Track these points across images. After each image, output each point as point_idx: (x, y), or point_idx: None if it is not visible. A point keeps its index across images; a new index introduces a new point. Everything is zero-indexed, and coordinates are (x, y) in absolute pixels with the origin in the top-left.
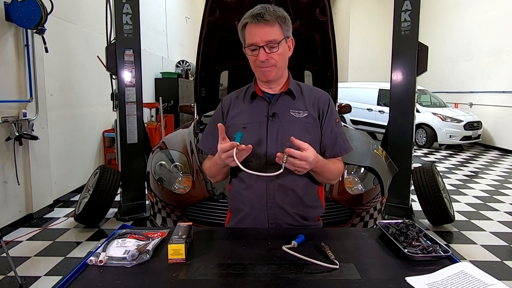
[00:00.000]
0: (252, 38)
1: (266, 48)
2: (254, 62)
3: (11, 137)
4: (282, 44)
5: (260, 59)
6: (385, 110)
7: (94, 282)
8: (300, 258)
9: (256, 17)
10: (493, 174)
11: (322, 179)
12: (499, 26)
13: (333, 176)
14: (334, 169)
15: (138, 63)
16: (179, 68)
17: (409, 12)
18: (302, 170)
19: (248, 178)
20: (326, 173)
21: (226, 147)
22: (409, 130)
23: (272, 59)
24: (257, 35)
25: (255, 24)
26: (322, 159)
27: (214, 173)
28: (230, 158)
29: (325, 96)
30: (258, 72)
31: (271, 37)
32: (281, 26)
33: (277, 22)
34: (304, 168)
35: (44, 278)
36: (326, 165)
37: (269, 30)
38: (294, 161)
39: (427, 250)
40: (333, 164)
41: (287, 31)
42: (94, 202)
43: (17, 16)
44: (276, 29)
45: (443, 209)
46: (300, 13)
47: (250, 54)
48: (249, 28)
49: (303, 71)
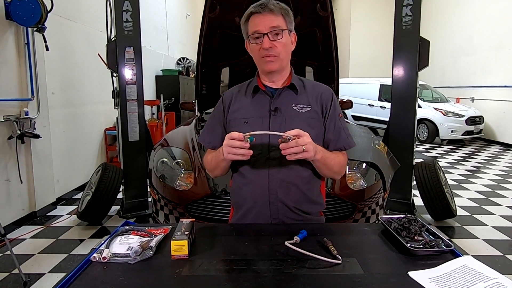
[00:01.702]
0: (256, 26)
1: (270, 35)
2: (258, 51)
3: (13, 135)
4: (285, 34)
5: (264, 46)
6: (386, 105)
7: (98, 278)
8: (303, 253)
9: (261, 6)
10: (495, 169)
11: (327, 172)
12: (500, 20)
13: (337, 168)
14: (337, 161)
15: (138, 60)
16: (179, 65)
17: (410, 7)
18: (306, 154)
19: (250, 173)
20: (331, 164)
21: (236, 135)
22: (411, 125)
23: (276, 47)
24: (261, 23)
25: (260, 13)
26: (321, 148)
27: (213, 166)
28: (233, 149)
29: (328, 91)
30: (262, 62)
31: (275, 23)
32: (284, 17)
33: (280, 13)
34: (308, 151)
35: (48, 275)
36: (330, 156)
37: (273, 17)
38: (291, 149)
39: (430, 244)
40: (336, 156)
41: (290, 24)
42: (97, 200)
43: (17, 14)
44: (280, 18)
45: (445, 204)
46: (301, 8)
47: (254, 42)
48: (253, 18)
49: (304, 67)
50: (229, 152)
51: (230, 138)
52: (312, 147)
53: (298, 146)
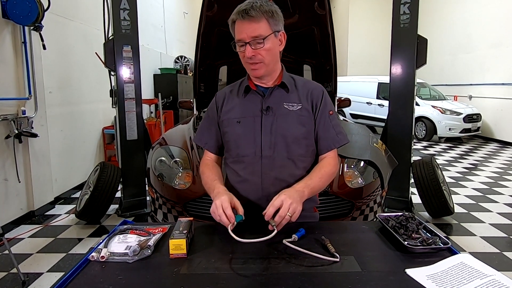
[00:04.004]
0: (239, 34)
1: (252, 44)
2: (242, 58)
3: (11, 135)
4: (269, 39)
5: (246, 55)
6: (384, 103)
7: (96, 277)
8: (301, 251)
9: (242, 14)
10: (492, 166)
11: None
12: (498, 18)
13: (327, 182)
14: (325, 179)
15: (136, 59)
16: (178, 64)
17: (408, 5)
18: (297, 212)
19: (243, 171)
20: (320, 186)
21: (229, 213)
22: (409, 123)
23: (259, 55)
24: (244, 31)
25: (241, 20)
26: (304, 185)
27: (205, 188)
28: (218, 217)
29: (319, 88)
30: (248, 69)
31: (256, 32)
32: (268, 21)
33: (263, 17)
34: (296, 210)
35: (46, 275)
36: (315, 181)
37: (255, 26)
38: (282, 221)
39: (427, 242)
40: (321, 174)
41: (275, 25)
42: (95, 199)
43: (13, 13)
44: (263, 24)
45: (442, 202)
46: (298, 7)
47: (239, 50)
48: (237, 24)
49: (302, 65)
50: (213, 214)
51: (224, 208)
52: (295, 202)
53: (285, 217)
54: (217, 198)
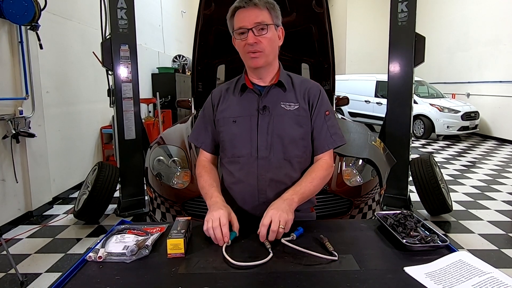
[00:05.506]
0: (241, 22)
1: (255, 30)
2: (243, 47)
3: (8, 135)
4: (271, 29)
5: (248, 41)
6: (382, 101)
7: (94, 278)
8: (299, 250)
9: (245, 1)
10: (490, 164)
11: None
12: (496, 16)
13: (320, 187)
14: (317, 183)
15: (134, 58)
16: (175, 63)
17: (406, 3)
18: (289, 221)
19: (239, 172)
20: (312, 192)
21: (225, 231)
22: (407, 122)
23: (261, 43)
24: (246, 18)
25: (244, 8)
26: (293, 192)
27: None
28: (212, 231)
29: (316, 87)
30: (247, 58)
31: (259, 18)
32: (270, 11)
33: (266, 7)
34: (288, 220)
35: (45, 275)
36: (305, 188)
37: (258, 12)
38: (277, 235)
39: (425, 240)
40: (312, 178)
41: (276, 18)
42: (93, 199)
43: (10, 12)
44: (265, 13)
45: (441, 199)
46: (296, 5)
47: (239, 38)
48: (238, 13)
49: (300, 63)
50: (208, 228)
51: (222, 225)
52: (284, 212)
53: (279, 231)
54: (214, 209)
